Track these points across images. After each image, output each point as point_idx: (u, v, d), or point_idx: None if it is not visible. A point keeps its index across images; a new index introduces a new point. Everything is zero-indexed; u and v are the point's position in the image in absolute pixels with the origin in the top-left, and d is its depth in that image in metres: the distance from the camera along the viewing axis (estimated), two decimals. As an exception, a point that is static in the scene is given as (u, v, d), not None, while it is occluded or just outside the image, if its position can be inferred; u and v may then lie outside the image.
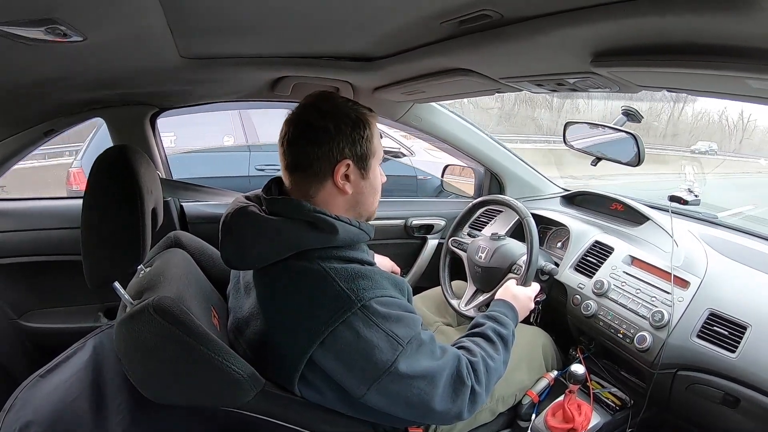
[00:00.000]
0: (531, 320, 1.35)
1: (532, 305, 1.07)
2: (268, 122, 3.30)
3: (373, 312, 0.71)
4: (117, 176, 0.73)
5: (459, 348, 0.85)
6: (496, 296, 1.05)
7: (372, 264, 0.80)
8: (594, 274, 1.27)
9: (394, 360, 0.71)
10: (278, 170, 0.83)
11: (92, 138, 3.00)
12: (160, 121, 1.51)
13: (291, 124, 0.79)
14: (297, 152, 0.78)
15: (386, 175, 0.89)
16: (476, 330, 0.92)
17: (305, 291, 0.73)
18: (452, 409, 0.77)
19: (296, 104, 0.82)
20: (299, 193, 0.80)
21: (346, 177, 0.79)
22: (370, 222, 0.87)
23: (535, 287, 1.11)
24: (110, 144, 1.23)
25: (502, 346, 0.89)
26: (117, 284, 0.73)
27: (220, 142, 3.39)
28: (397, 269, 1.27)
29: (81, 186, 2.91)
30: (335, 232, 0.75)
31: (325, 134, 0.76)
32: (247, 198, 0.84)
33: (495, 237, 1.33)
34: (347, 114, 0.79)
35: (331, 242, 0.76)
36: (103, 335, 0.82)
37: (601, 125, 1.25)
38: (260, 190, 0.86)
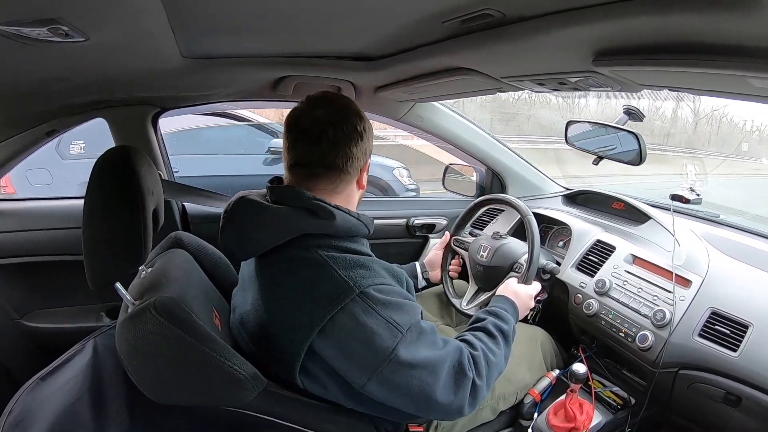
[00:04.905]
0: (529, 319, 1.35)
1: (533, 304, 1.07)
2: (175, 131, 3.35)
3: (372, 299, 0.72)
4: (118, 177, 0.73)
5: (460, 341, 0.85)
6: (497, 292, 1.05)
7: (370, 255, 0.82)
8: (596, 273, 1.26)
9: (394, 347, 0.71)
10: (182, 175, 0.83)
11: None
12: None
13: (325, 124, 0.78)
14: (336, 152, 0.79)
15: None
16: (477, 324, 0.92)
17: (304, 279, 0.74)
18: (454, 401, 0.76)
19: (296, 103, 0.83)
20: (321, 191, 0.80)
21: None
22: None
23: (536, 286, 1.11)
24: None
25: (503, 341, 0.89)
26: (118, 285, 0.73)
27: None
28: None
29: (6, 190, 3.01)
30: (333, 218, 0.77)
31: (362, 134, 0.81)
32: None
33: (496, 236, 1.33)
34: (362, 115, 0.83)
35: (328, 229, 0.77)
36: (103, 336, 0.82)
37: (603, 124, 1.25)
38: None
